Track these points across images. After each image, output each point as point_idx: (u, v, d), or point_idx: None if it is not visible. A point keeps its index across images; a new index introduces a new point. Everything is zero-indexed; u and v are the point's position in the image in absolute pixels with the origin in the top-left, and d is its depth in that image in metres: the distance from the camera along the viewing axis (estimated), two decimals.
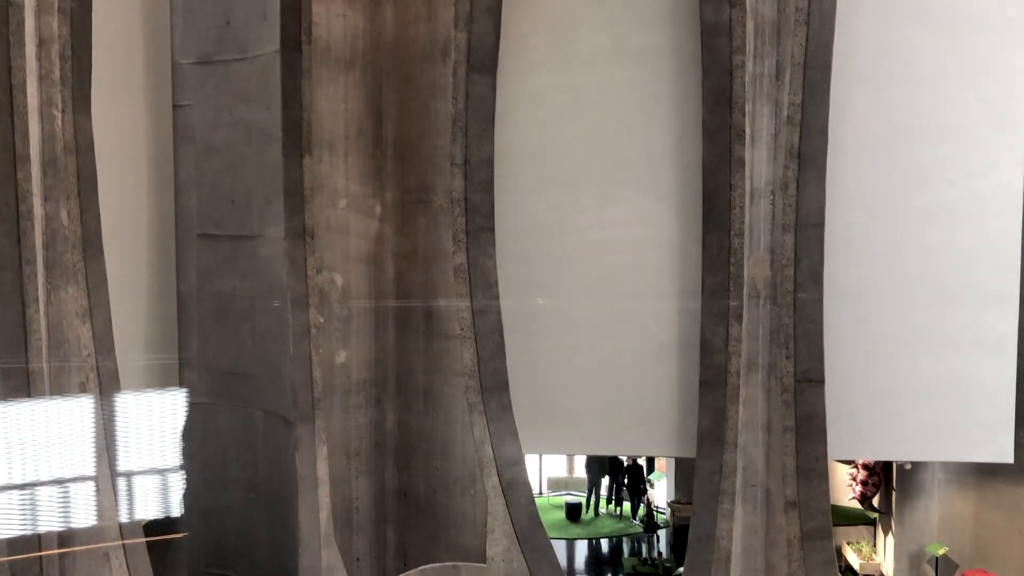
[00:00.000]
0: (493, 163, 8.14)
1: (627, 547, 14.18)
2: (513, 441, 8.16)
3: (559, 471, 17.69)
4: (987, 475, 10.68)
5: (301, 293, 7.51)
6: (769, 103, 7.87)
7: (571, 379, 8.65)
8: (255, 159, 7.74)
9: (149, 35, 8.13)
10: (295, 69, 7.30)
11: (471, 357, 8.11)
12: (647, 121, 8.41)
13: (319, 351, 7.60)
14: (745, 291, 7.95)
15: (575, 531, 14.72)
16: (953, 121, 8.15)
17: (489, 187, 8.13)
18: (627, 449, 10.48)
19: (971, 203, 8.17)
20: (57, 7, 6.24)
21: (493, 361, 8.16)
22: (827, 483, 8.05)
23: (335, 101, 7.89)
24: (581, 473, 16.61)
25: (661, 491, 16.09)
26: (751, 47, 7.76)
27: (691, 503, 8.27)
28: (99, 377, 6.24)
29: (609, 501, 15.68)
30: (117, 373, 6.44)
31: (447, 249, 8.08)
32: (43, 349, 5.98)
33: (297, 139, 7.44)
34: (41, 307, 6.00)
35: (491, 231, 8.16)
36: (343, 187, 8.02)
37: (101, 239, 6.53)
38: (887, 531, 11.76)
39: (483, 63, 7.99)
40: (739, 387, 7.96)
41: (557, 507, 15.58)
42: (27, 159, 5.88)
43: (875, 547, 12.00)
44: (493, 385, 8.14)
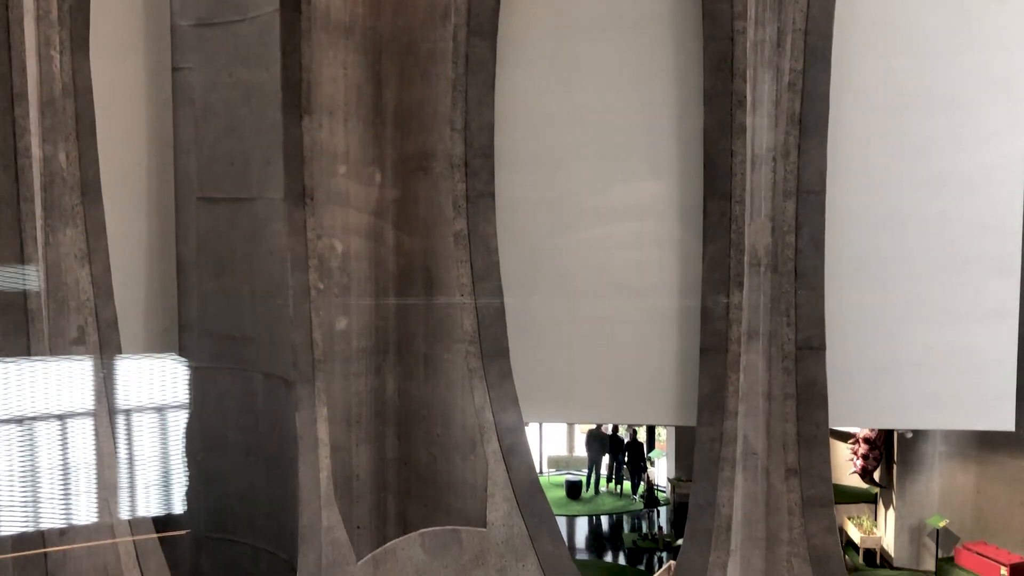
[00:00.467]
0: (493, 128, 8.11)
1: (627, 524, 14.19)
2: (513, 407, 8.16)
3: (559, 449, 17.67)
4: (988, 447, 10.69)
5: (301, 254, 7.50)
6: (770, 69, 7.83)
7: (571, 347, 8.64)
8: (254, 121, 7.72)
9: None
10: (294, 29, 7.27)
11: (471, 323, 8.09)
12: (648, 88, 8.38)
13: (319, 314, 7.59)
14: (746, 258, 7.93)
15: (575, 508, 14.73)
16: (956, 91, 8.13)
17: (489, 152, 8.10)
18: (627, 417, 10.46)
19: (973, 172, 8.17)
20: None
21: (493, 327, 8.15)
22: (828, 450, 8.04)
23: (335, 66, 7.85)
24: (581, 451, 16.61)
25: (661, 469, 16.10)
26: (752, 13, 7.72)
27: (691, 480, 8.27)
28: (98, 322, 6.21)
29: (609, 479, 15.70)
30: (116, 321, 6.42)
31: (447, 215, 8.06)
32: (42, 290, 5.96)
33: (296, 99, 7.42)
34: (40, 248, 5.97)
35: (491, 197, 8.13)
36: (343, 153, 7.99)
37: (100, 185, 6.50)
38: (888, 505, 11.77)
39: (483, 27, 7.95)
40: (740, 354, 7.95)
41: (557, 486, 15.59)
42: (24, 97, 5.84)
43: (876, 521, 12.00)
44: (493, 351, 8.13)
